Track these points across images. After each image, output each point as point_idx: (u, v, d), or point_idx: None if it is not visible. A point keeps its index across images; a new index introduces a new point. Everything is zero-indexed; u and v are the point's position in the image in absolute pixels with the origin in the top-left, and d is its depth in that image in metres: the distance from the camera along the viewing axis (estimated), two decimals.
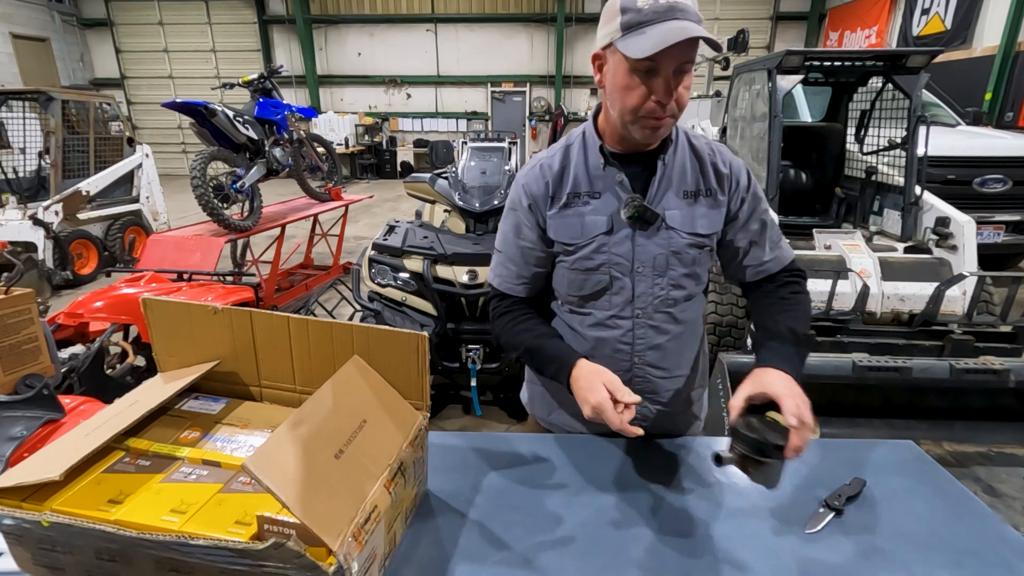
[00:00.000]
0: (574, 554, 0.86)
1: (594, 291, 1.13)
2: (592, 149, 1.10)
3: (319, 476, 0.68)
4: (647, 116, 0.98)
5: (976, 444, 2.43)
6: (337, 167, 5.76)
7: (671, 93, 0.95)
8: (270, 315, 0.91)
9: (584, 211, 1.10)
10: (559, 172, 1.12)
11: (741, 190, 1.12)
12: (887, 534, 0.91)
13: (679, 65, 0.94)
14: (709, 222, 1.10)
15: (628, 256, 1.09)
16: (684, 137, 1.12)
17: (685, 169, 1.10)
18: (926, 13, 9.05)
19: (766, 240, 1.15)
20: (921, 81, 3.32)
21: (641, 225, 1.08)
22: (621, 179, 1.07)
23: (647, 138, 1.02)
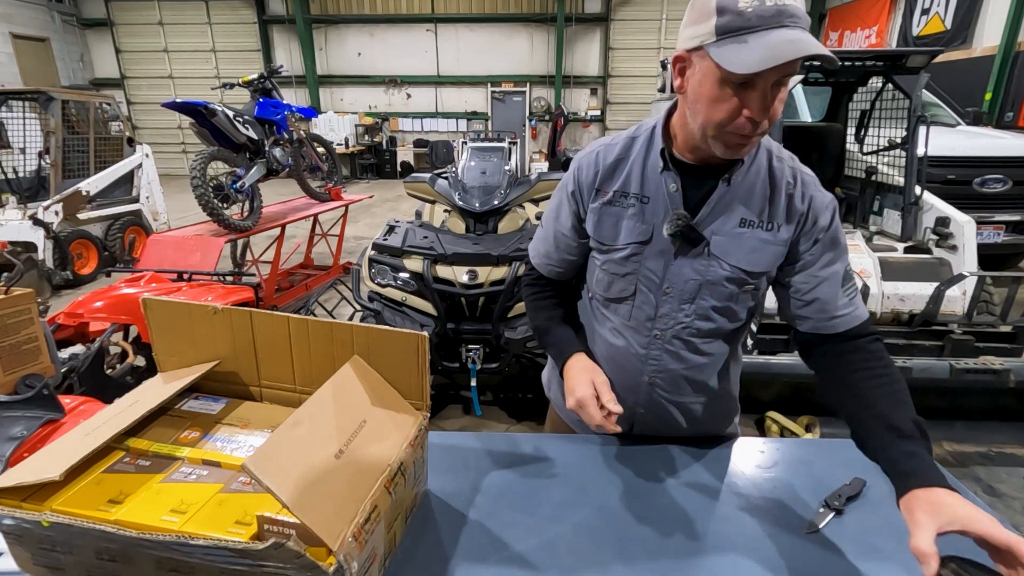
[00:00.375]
0: (574, 554, 0.86)
1: (619, 297, 1.06)
2: (655, 149, 0.99)
3: (319, 476, 0.68)
4: (734, 132, 0.85)
5: (976, 444, 2.43)
6: (337, 167, 5.76)
7: (767, 109, 0.82)
8: (270, 315, 0.91)
9: (626, 214, 1.01)
10: (613, 164, 1.03)
11: (817, 231, 0.96)
12: (887, 534, 0.91)
13: (780, 77, 0.81)
14: (760, 259, 0.97)
15: (659, 273, 1.01)
16: (765, 157, 0.98)
17: (752, 193, 0.96)
18: (926, 13, 9.06)
19: (837, 293, 0.98)
20: (921, 81, 3.32)
21: (681, 245, 0.97)
22: (675, 190, 0.97)
23: (728, 155, 0.90)
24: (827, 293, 0.97)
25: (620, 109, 13.90)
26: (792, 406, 2.51)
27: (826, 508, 0.96)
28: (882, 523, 0.93)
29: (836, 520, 0.94)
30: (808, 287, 0.98)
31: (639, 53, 13.34)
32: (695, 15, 0.83)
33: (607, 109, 13.93)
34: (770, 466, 1.10)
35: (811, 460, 1.12)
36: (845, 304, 0.98)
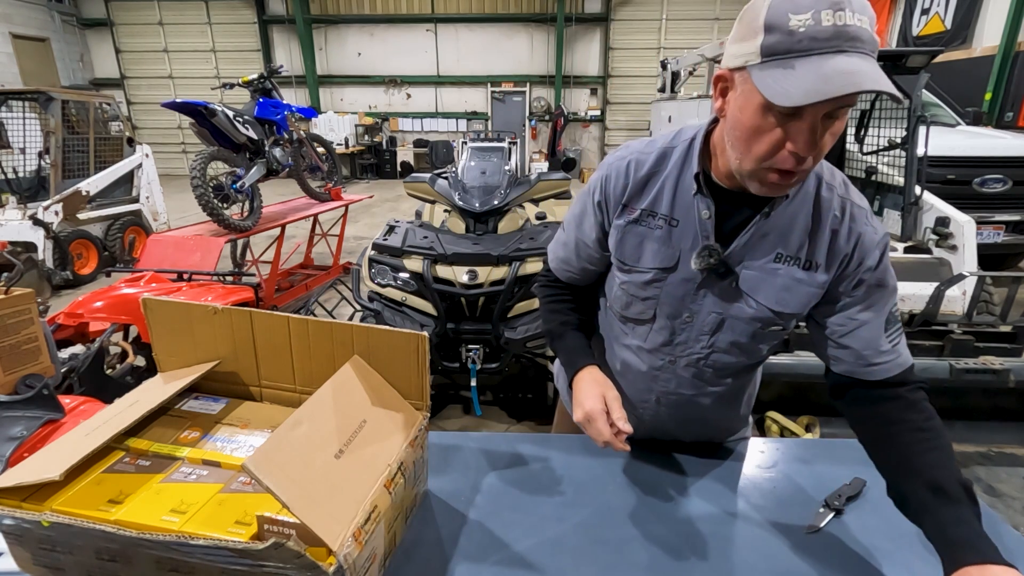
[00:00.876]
0: (574, 554, 0.86)
1: (637, 318, 1.01)
2: (690, 169, 0.89)
3: (319, 476, 0.68)
4: (774, 168, 0.75)
5: (976, 444, 2.43)
6: (337, 167, 5.76)
7: (815, 145, 0.72)
8: (270, 315, 0.91)
9: (652, 235, 0.93)
10: (644, 178, 0.93)
11: (862, 271, 0.86)
12: (887, 534, 0.91)
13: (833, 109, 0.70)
14: (791, 299, 0.89)
15: (680, 303, 0.95)
16: (814, 184, 0.87)
17: (793, 226, 0.86)
18: (926, 13, 9.06)
19: (879, 338, 0.87)
20: (921, 81, 3.31)
21: (708, 276, 0.90)
22: (708, 217, 0.88)
23: (764, 193, 0.80)
24: (867, 338, 0.87)
25: (620, 109, 13.90)
26: (792, 406, 2.51)
27: (826, 508, 0.96)
28: (882, 523, 0.93)
29: (836, 520, 0.94)
30: (845, 330, 0.88)
31: (639, 53, 13.34)
32: (743, 30, 0.72)
33: (607, 109, 13.93)
34: (770, 466, 1.10)
35: (811, 460, 1.12)
36: (888, 351, 0.87)
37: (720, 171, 0.87)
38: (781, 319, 0.91)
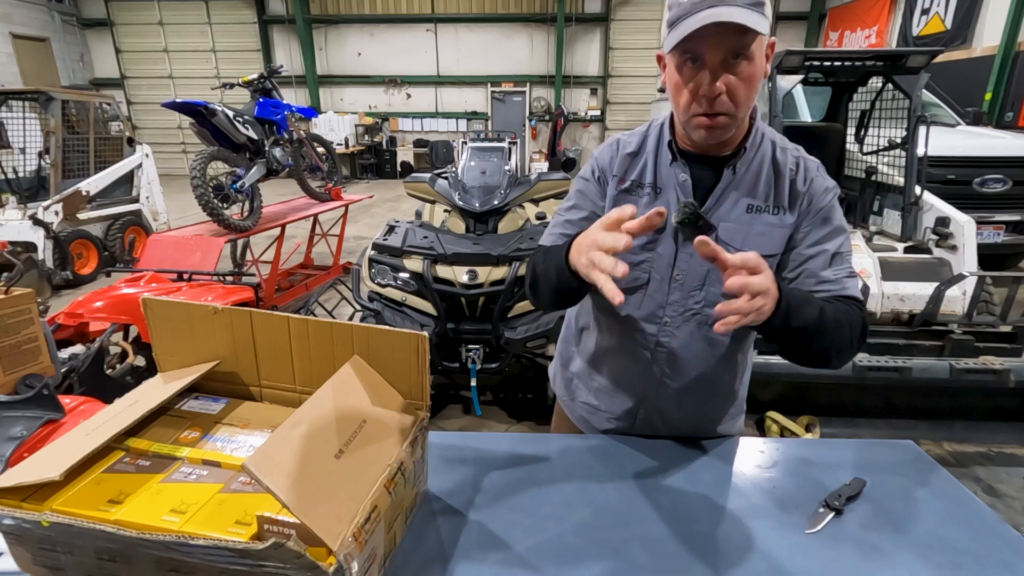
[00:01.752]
0: (574, 554, 0.86)
1: (630, 286, 1.07)
2: (664, 142, 1.04)
3: (319, 476, 0.68)
4: (698, 115, 0.91)
5: (976, 444, 2.43)
6: (337, 167, 5.76)
7: (716, 87, 0.87)
8: (270, 315, 0.91)
9: (641, 203, 1.04)
10: (630, 156, 1.07)
11: (813, 210, 1.00)
12: (887, 534, 0.91)
13: (727, 55, 0.85)
14: (767, 243, 1.00)
15: (670, 261, 1.03)
16: (770, 146, 1.02)
17: (758, 180, 1.00)
18: (926, 13, 9.06)
19: (826, 268, 1.00)
20: (921, 81, 3.31)
21: (691, 233, 0.98)
22: (684, 179, 1.01)
23: (705, 140, 0.94)
24: (812, 269, 0.99)
25: (620, 109, 13.90)
26: (792, 406, 2.51)
27: (826, 508, 0.96)
28: (882, 523, 0.93)
29: (836, 520, 0.94)
30: (795, 264, 1.01)
31: (639, 53, 13.35)
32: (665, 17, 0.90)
33: (607, 109, 13.94)
34: (770, 466, 1.10)
35: (811, 460, 1.12)
36: (831, 280, 0.99)
37: (687, 142, 1.02)
38: None
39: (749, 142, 1.00)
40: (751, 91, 0.90)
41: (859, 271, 2.98)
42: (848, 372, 2.33)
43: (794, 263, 1.01)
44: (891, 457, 1.13)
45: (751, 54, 0.86)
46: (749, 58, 0.87)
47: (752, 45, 0.86)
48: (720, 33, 0.83)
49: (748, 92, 0.89)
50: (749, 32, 0.83)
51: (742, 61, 0.86)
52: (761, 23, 0.83)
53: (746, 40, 0.84)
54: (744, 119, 0.96)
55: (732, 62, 0.86)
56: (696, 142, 0.98)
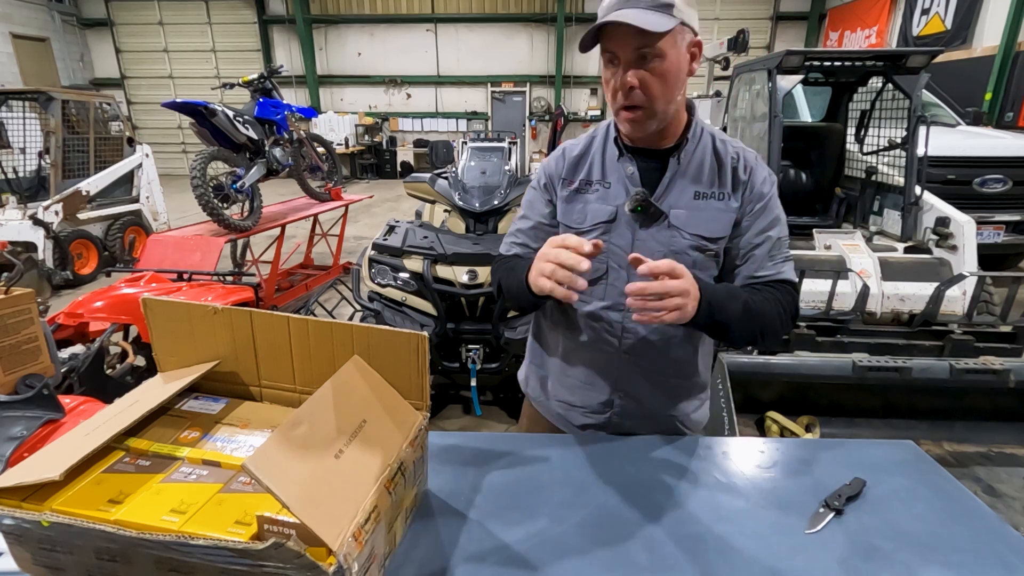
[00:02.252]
0: (574, 554, 0.86)
1: (593, 278, 1.12)
2: (611, 140, 1.12)
3: (319, 476, 0.68)
4: (619, 108, 1.01)
5: (976, 444, 2.43)
6: (337, 167, 5.76)
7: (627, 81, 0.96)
8: (270, 315, 0.91)
9: (591, 198, 1.11)
10: (578, 157, 1.15)
11: (755, 199, 1.08)
12: (887, 534, 0.91)
13: (636, 52, 0.94)
14: (716, 226, 1.08)
15: (627, 249, 1.09)
16: (710, 139, 1.10)
17: (702, 169, 1.08)
18: (926, 13, 9.06)
19: (764, 257, 1.10)
20: (921, 81, 3.32)
21: (644, 220, 1.07)
22: (631, 172, 1.08)
23: (630, 132, 1.05)
24: (757, 257, 1.09)
25: None
26: (792, 406, 2.50)
27: (826, 508, 0.96)
28: (882, 523, 0.93)
29: (836, 520, 0.94)
30: (747, 250, 1.09)
31: None
32: None
33: (607, 109, 13.92)
34: (770, 466, 1.10)
35: (811, 460, 1.12)
36: (769, 267, 1.09)
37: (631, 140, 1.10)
38: (713, 243, 1.09)
39: (690, 133, 1.08)
40: (666, 86, 0.97)
41: (859, 271, 2.98)
42: (848, 372, 2.33)
43: (743, 251, 1.10)
44: (891, 457, 1.13)
45: (661, 51, 0.94)
46: (661, 56, 0.95)
47: (659, 43, 0.93)
48: (627, 34, 0.92)
49: (663, 87, 0.97)
50: (646, 33, 0.91)
51: (654, 58, 0.95)
52: (661, 23, 0.91)
53: (651, 39, 0.92)
54: (665, 112, 1.02)
55: (645, 59, 0.95)
56: (625, 134, 1.08)
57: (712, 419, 2.35)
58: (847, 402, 2.51)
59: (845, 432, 2.46)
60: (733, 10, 12.83)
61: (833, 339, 2.74)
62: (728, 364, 2.33)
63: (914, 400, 2.48)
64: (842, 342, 2.74)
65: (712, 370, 2.40)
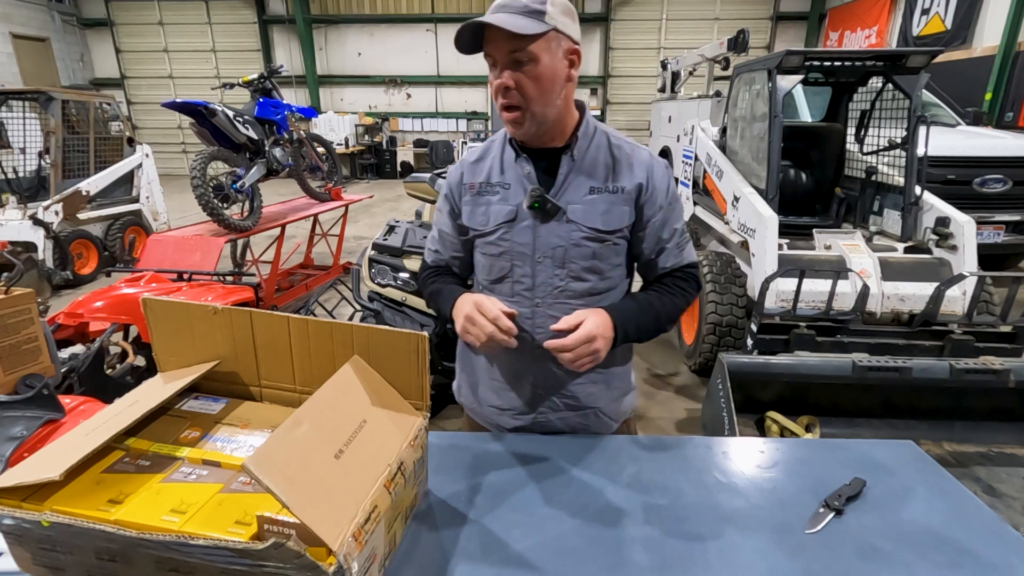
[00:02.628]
0: (574, 554, 0.86)
1: (499, 276, 1.18)
2: (507, 143, 1.17)
3: (319, 476, 0.68)
4: (500, 109, 1.06)
5: (976, 444, 2.43)
6: (337, 167, 5.76)
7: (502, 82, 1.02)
8: (270, 315, 0.91)
9: (492, 200, 1.16)
10: (475, 162, 1.20)
11: (657, 196, 1.14)
12: (887, 534, 0.91)
13: (510, 55, 1.00)
14: (612, 219, 1.12)
15: (529, 245, 1.14)
16: (604, 138, 1.15)
17: (596, 166, 1.13)
18: (926, 13, 9.06)
19: (673, 247, 1.19)
20: (921, 81, 3.31)
21: (543, 216, 1.12)
22: (528, 171, 1.13)
23: (513, 132, 1.11)
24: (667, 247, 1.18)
25: (620, 109, 13.91)
26: (792, 406, 2.50)
27: (826, 508, 0.96)
28: (882, 523, 0.93)
29: (836, 520, 0.94)
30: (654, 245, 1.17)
31: (639, 53, 13.35)
32: None
33: (607, 109, 13.93)
34: (770, 466, 1.10)
35: (811, 460, 1.12)
36: (677, 254, 1.19)
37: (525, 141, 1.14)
38: (609, 235, 1.13)
39: (580, 132, 1.12)
40: (541, 88, 1.02)
41: (859, 271, 2.98)
42: (848, 372, 2.33)
43: (656, 244, 1.17)
44: (891, 457, 1.13)
45: (533, 55, 1.00)
46: (534, 59, 1.00)
47: (531, 47, 0.99)
48: (500, 37, 0.98)
49: (538, 89, 1.02)
50: (523, 39, 0.97)
51: (528, 62, 1.00)
52: (530, 27, 0.96)
53: (522, 44, 0.98)
54: (544, 114, 1.06)
55: (520, 63, 1.00)
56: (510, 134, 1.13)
57: (712, 419, 2.36)
58: (847, 402, 2.51)
59: (845, 432, 2.46)
60: (733, 10, 12.82)
61: (833, 339, 2.74)
62: (728, 364, 2.33)
63: (914, 400, 2.48)
64: (842, 342, 2.74)
65: (712, 370, 2.40)
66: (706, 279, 3.46)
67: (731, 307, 3.34)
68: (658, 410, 3.34)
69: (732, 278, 3.43)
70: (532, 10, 0.98)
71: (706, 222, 4.54)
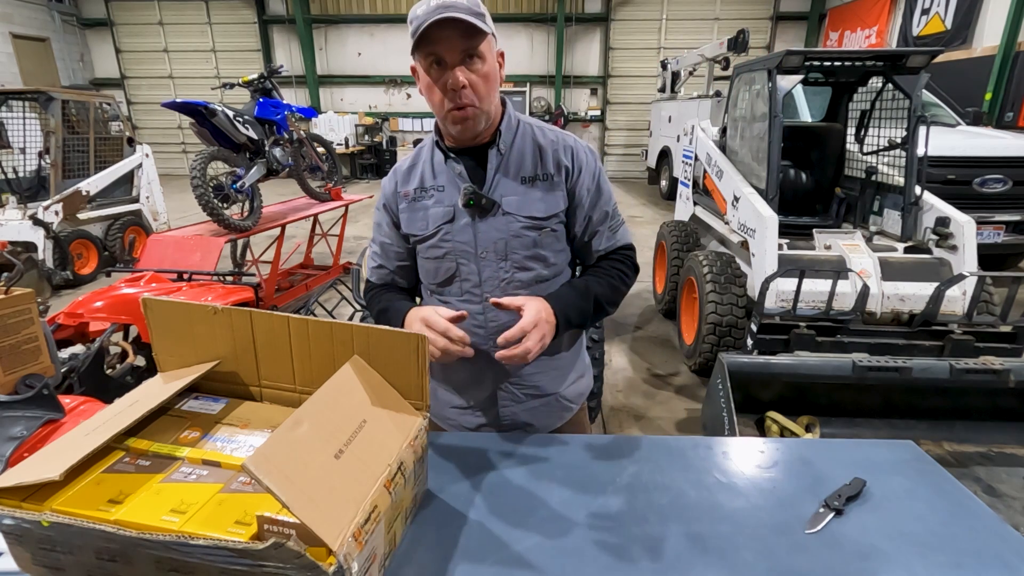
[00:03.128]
0: (574, 554, 0.86)
1: (446, 278, 1.20)
2: (436, 147, 1.18)
3: (319, 476, 0.68)
4: (450, 109, 1.04)
5: (976, 444, 2.43)
6: (337, 167, 5.76)
7: (458, 80, 1.01)
8: (270, 315, 0.91)
9: (429, 204, 1.17)
10: (407, 170, 1.21)
11: (585, 179, 1.17)
12: (887, 534, 0.91)
13: (463, 53, 1.01)
14: (546, 206, 1.15)
15: (471, 242, 1.15)
16: (529, 128, 1.18)
17: (524, 157, 1.15)
18: (926, 13, 9.06)
19: (606, 229, 1.22)
20: (921, 81, 3.31)
21: (479, 212, 1.13)
22: (459, 171, 1.14)
23: (462, 133, 1.09)
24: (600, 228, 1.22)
25: (620, 109, 13.90)
26: (792, 406, 2.50)
27: (826, 508, 0.96)
28: (882, 523, 0.93)
29: (836, 520, 0.94)
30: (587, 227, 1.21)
31: (639, 53, 13.34)
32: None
33: (607, 109, 13.93)
34: (770, 466, 1.10)
35: (811, 460, 1.12)
36: (611, 235, 1.24)
37: (449, 138, 1.16)
38: (546, 222, 1.16)
39: (503, 125, 1.15)
40: (490, 87, 1.06)
41: (859, 271, 2.98)
42: (848, 372, 2.33)
43: (590, 227, 1.21)
44: (891, 457, 1.13)
45: (482, 54, 1.03)
46: (482, 58, 1.03)
47: (481, 46, 1.02)
48: (452, 37, 0.99)
49: (488, 87, 1.05)
50: (475, 33, 0.99)
51: (477, 60, 1.02)
52: (482, 25, 1.00)
53: (474, 42, 1.01)
54: (491, 112, 1.10)
55: (469, 61, 1.02)
56: (456, 136, 1.12)
57: (712, 419, 2.36)
58: (847, 402, 2.51)
59: (845, 432, 2.46)
60: (733, 10, 12.82)
61: (833, 339, 2.74)
62: (728, 364, 2.33)
63: (914, 400, 2.48)
64: (842, 342, 2.74)
65: (712, 369, 2.40)
66: (706, 279, 3.47)
67: (731, 307, 3.34)
68: (658, 410, 3.34)
69: (732, 278, 3.43)
70: (477, 12, 1.00)
71: (706, 222, 4.54)
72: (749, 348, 2.79)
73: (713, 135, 4.72)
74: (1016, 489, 2.27)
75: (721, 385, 2.29)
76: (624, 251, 1.27)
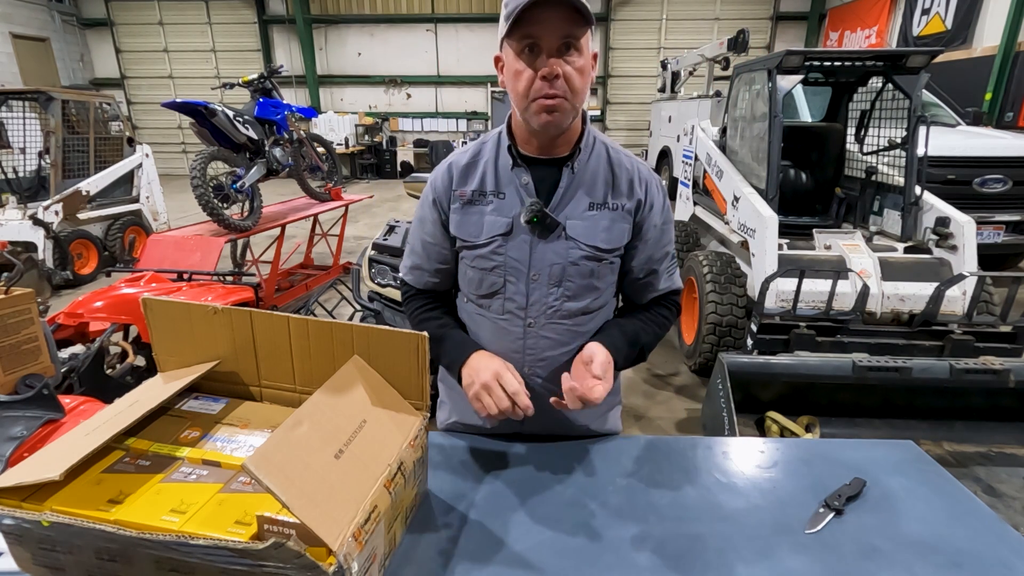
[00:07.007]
0: (574, 554, 0.86)
1: (490, 292, 1.11)
2: (503, 148, 1.07)
3: (319, 476, 0.68)
4: (538, 97, 0.94)
5: (976, 444, 2.43)
6: (337, 167, 5.76)
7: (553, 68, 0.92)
8: (270, 315, 0.91)
9: (486, 210, 1.07)
10: (465, 168, 1.10)
11: (654, 216, 1.10)
12: (887, 534, 0.91)
13: (562, 40, 0.92)
14: (611, 236, 1.07)
15: (524, 262, 1.07)
16: (603, 148, 1.09)
17: (596, 179, 1.07)
18: (926, 13, 9.06)
19: (664, 271, 1.15)
20: (921, 81, 3.31)
21: (540, 231, 1.05)
22: (526, 182, 1.05)
23: (546, 125, 0.97)
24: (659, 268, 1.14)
25: (620, 109, 13.90)
26: (792, 406, 2.51)
27: (826, 508, 0.96)
28: (882, 523, 0.93)
29: (836, 520, 0.94)
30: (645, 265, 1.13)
31: (639, 53, 13.35)
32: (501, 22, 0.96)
33: (607, 109, 13.93)
34: (770, 466, 1.10)
35: (811, 460, 1.12)
36: (667, 278, 1.16)
37: (523, 142, 1.07)
38: (608, 254, 1.08)
39: (583, 143, 1.05)
40: (584, 82, 0.96)
41: (859, 271, 2.98)
42: (848, 372, 2.33)
43: (648, 265, 1.13)
44: (891, 457, 1.13)
45: (581, 47, 0.94)
46: (580, 50, 0.94)
47: (582, 38, 0.93)
48: (555, 19, 0.89)
49: (582, 82, 0.96)
50: (580, 21, 0.91)
51: (574, 52, 0.93)
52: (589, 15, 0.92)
53: (578, 31, 0.92)
54: (578, 111, 1.00)
55: (566, 51, 0.93)
56: (538, 131, 1.00)
57: (712, 419, 2.36)
58: (847, 402, 2.51)
59: (845, 432, 2.46)
60: (733, 10, 12.82)
61: (833, 339, 2.74)
62: (728, 364, 2.33)
63: (914, 400, 2.48)
64: (842, 342, 2.74)
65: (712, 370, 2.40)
66: (706, 279, 3.47)
67: (731, 307, 3.34)
68: (658, 410, 3.34)
69: (732, 278, 3.43)
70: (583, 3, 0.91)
71: (706, 222, 4.54)
72: (749, 348, 2.79)
73: (713, 135, 4.72)
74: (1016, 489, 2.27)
75: (721, 385, 2.29)
76: (673, 296, 1.18)
